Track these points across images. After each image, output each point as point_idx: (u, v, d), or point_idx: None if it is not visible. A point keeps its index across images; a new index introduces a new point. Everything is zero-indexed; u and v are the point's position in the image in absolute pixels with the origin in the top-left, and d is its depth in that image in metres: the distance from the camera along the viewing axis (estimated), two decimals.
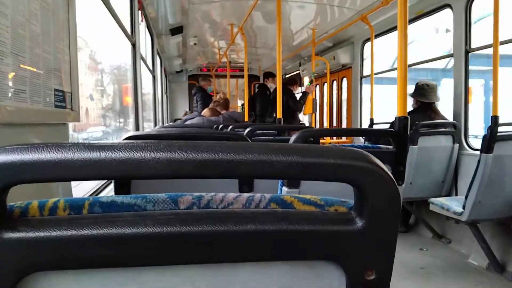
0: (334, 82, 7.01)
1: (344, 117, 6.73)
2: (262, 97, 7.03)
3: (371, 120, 4.93)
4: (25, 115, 1.05)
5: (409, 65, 2.06)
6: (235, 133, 2.10)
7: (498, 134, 2.63)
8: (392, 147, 1.59)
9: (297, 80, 7.53)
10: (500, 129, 2.67)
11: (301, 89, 7.74)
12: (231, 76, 8.39)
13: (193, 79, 10.13)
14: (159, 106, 6.67)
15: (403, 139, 1.59)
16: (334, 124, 7.18)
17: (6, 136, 0.98)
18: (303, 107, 6.36)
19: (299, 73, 8.37)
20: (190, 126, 3.66)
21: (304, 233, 0.47)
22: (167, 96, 9.21)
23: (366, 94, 5.79)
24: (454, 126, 3.52)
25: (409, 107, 3.84)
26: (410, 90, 3.57)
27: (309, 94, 6.33)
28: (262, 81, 7.69)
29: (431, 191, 3.53)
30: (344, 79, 6.61)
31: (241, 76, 8.88)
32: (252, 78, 9.78)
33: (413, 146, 3.34)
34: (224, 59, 7.27)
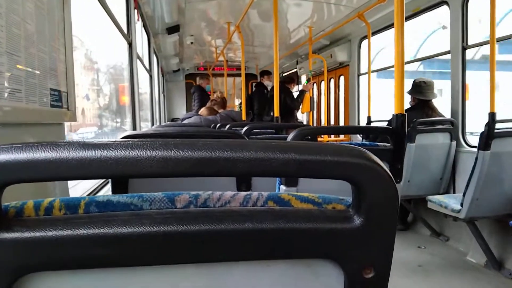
0: (332, 80, 7.01)
1: (342, 115, 6.74)
2: (260, 96, 7.03)
3: (369, 118, 4.93)
4: (21, 114, 1.04)
5: (406, 62, 2.05)
6: (233, 131, 2.09)
7: (496, 131, 2.63)
8: (389, 144, 1.59)
9: (295, 78, 7.53)
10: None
11: (298, 87, 7.74)
12: (228, 75, 8.37)
13: (190, 78, 10.11)
14: (156, 106, 6.66)
15: (401, 136, 1.59)
16: (332, 122, 7.18)
17: (1, 136, 0.97)
18: (300, 105, 6.36)
19: (296, 71, 8.37)
20: (187, 125, 3.65)
21: (302, 231, 0.47)
22: (164, 96, 9.19)
23: (363, 93, 5.80)
24: (452, 123, 3.53)
25: (407, 105, 3.84)
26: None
27: (307, 92, 6.34)
28: (259, 79, 7.69)
29: (429, 188, 3.54)
30: (342, 77, 6.61)
31: (238, 75, 8.87)
32: (249, 77, 9.77)
33: (411, 144, 3.34)
34: (221, 58, 7.26)
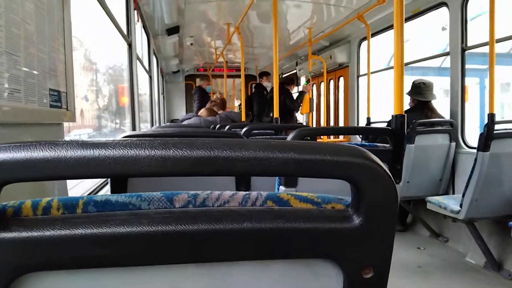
0: (331, 81, 7.02)
1: (341, 117, 6.74)
2: (259, 97, 7.03)
3: (368, 119, 4.93)
4: (20, 115, 1.04)
5: (405, 64, 2.05)
6: (232, 132, 2.09)
7: (495, 132, 2.64)
8: (389, 145, 1.59)
9: (294, 79, 7.53)
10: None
11: (298, 88, 7.75)
12: (228, 76, 8.38)
13: (190, 79, 10.11)
14: (156, 107, 6.66)
15: (400, 137, 1.59)
16: (332, 124, 7.18)
17: (0, 136, 0.97)
18: (300, 107, 6.36)
19: (296, 72, 8.38)
20: (187, 126, 3.64)
21: (301, 231, 0.46)
22: (164, 97, 9.19)
23: (363, 94, 5.80)
24: (451, 124, 3.53)
25: (406, 106, 3.84)
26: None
27: (306, 93, 6.34)
28: (258, 81, 7.70)
29: (428, 189, 3.54)
30: (341, 78, 6.62)
31: (238, 76, 8.87)
32: (249, 78, 9.77)
33: (410, 145, 3.34)
34: (220, 59, 7.26)
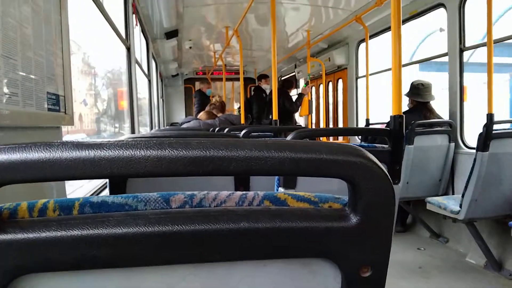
0: (330, 84, 7.03)
1: (340, 118, 6.74)
2: (259, 100, 7.05)
3: (367, 120, 4.94)
4: (18, 118, 1.04)
5: (403, 65, 2.06)
6: (231, 134, 2.09)
7: (494, 132, 2.64)
8: (387, 146, 1.59)
9: (293, 82, 7.54)
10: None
11: (297, 90, 7.75)
12: (227, 79, 8.38)
13: (189, 82, 10.12)
14: (155, 110, 6.66)
15: (399, 137, 1.59)
16: (331, 125, 7.19)
17: None
18: (299, 108, 6.37)
19: (294, 75, 8.39)
20: (186, 130, 3.64)
21: (298, 230, 0.46)
22: (163, 100, 9.19)
23: (362, 96, 5.80)
24: (450, 125, 3.53)
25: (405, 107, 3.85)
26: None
27: (305, 95, 6.35)
28: (257, 83, 7.72)
29: (428, 190, 3.54)
30: (340, 80, 6.63)
31: (237, 79, 8.88)
32: (248, 81, 9.79)
33: (409, 146, 3.34)
34: (219, 62, 7.28)
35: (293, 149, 0.44)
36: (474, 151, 2.74)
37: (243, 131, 2.15)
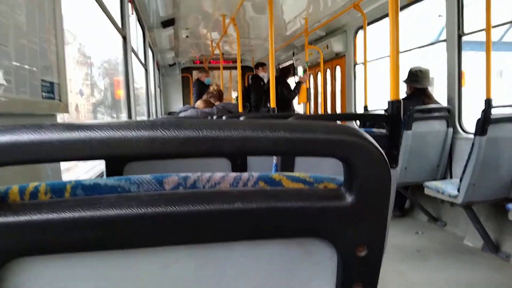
0: (328, 71, 6.99)
1: (339, 106, 6.73)
2: (257, 88, 7.02)
3: (365, 107, 4.93)
4: (12, 105, 1.03)
5: (401, 52, 2.04)
6: None
7: (492, 116, 2.63)
8: (385, 131, 1.59)
9: (291, 69, 7.51)
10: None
11: (295, 78, 7.72)
12: (225, 68, 8.33)
13: (186, 72, 10.06)
14: (152, 100, 6.63)
15: (396, 122, 1.59)
16: (329, 113, 7.17)
17: None
18: (297, 96, 6.35)
19: (292, 63, 8.34)
20: (183, 118, 3.63)
21: (293, 210, 0.46)
22: (160, 90, 9.15)
23: (360, 83, 5.78)
24: (448, 110, 3.53)
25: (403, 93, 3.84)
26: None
27: (303, 83, 6.32)
28: (254, 72, 7.68)
29: (426, 175, 3.55)
30: (338, 67, 6.59)
31: (235, 68, 8.82)
32: (245, 70, 9.73)
33: (408, 131, 3.34)
34: (217, 51, 7.22)
35: (288, 129, 0.43)
36: (472, 136, 2.74)
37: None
